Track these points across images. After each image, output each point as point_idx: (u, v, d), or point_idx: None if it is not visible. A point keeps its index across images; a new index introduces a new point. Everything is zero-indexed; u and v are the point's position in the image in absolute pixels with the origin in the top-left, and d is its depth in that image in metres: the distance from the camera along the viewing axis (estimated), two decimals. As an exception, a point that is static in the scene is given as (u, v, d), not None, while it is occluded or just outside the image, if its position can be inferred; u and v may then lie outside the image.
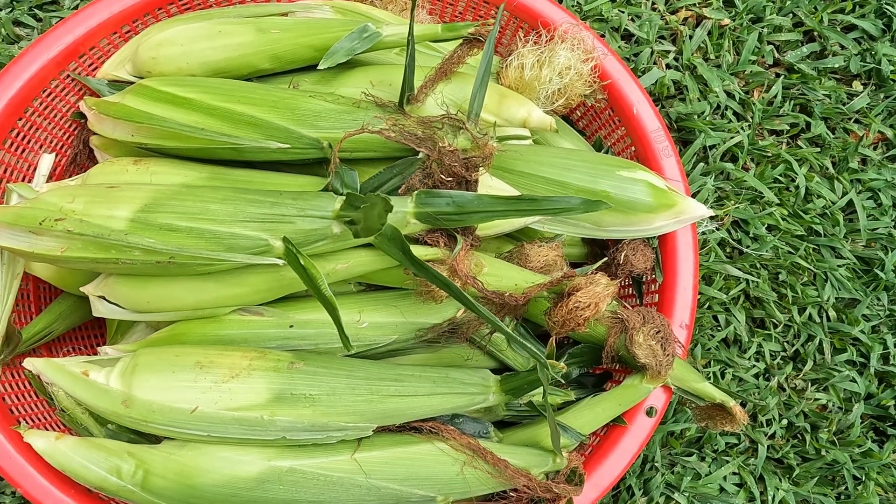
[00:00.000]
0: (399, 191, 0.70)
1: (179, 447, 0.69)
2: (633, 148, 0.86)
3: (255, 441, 0.68)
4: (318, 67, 0.75)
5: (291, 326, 0.74)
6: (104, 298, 0.76)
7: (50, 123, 0.85)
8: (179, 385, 0.67)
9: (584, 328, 0.70)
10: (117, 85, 0.85)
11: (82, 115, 0.85)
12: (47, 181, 0.85)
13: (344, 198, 0.67)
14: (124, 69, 0.84)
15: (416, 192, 0.68)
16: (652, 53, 1.07)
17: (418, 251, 0.70)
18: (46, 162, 0.85)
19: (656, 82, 1.04)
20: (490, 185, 0.73)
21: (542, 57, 0.74)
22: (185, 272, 0.69)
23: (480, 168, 0.68)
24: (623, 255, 0.81)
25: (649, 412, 0.80)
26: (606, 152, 0.88)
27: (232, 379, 0.68)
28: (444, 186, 0.69)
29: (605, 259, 0.80)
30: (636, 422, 0.80)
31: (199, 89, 0.75)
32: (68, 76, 0.84)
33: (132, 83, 0.82)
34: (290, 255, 0.65)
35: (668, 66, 1.08)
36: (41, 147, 0.85)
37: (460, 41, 0.73)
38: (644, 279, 0.86)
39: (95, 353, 0.88)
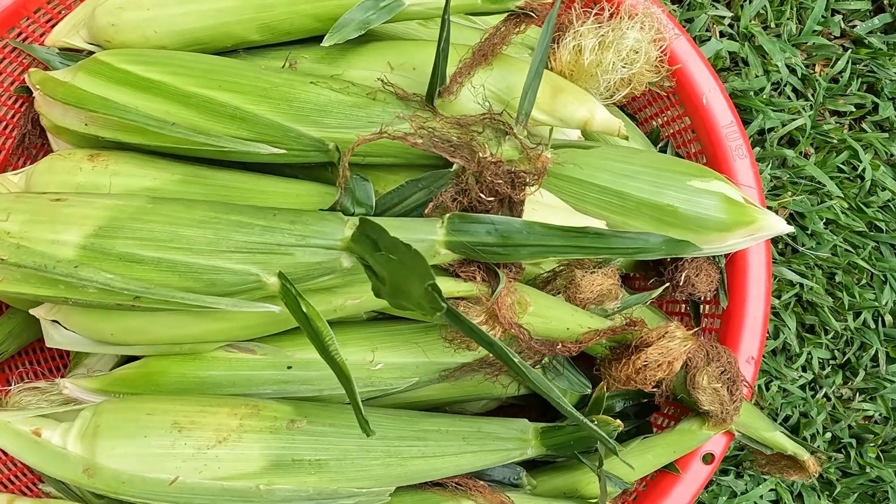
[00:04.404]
0: (426, 210, 0.53)
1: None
2: (697, 143, 0.68)
3: (249, 512, 0.53)
4: (323, 44, 0.56)
5: (289, 368, 0.58)
6: (59, 324, 0.59)
7: (-11, 101, 0.66)
8: (154, 452, 0.52)
9: (653, 387, 0.55)
10: (72, 55, 0.65)
11: (29, 90, 0.66)
12: (-11, 171, 0.66)
13: (357, 223, 0.49)
14: (79, 35, 0.64)
15: (448, 215, 0.51)
16: (705, 20, 0.88)
17: (447, 285, 0.53)
18: (-13, 149, 0.66)
19: (716, 56, 0.86)
20: (538, 199, 0.56)
21: (605, 38, 0.55)
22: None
23: (530, 186, 0.51)
24: (684, 275, 0.65)
25: (706, 458, 0.66)
26: (666, 148, 0.71)
27: (219, 444, 0.52)
28: (481, 206, 0.52)
29: (667, 285, 0.64)
30: (690, 469, 0.65)
31: (169, 69, 0.56)
32: (7, 44, 0.64)
33: (92, 53, 0.63)
34: (290, 298, 0.48)
35: (721, 35, 0.89)
36: (-20, 129, 0.66)
37: (505, 15, 0.55)
38: (702, 298, 0.70)
39: (56, 378, 0.72)
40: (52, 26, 0.66)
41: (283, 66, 0.60)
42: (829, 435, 0.90)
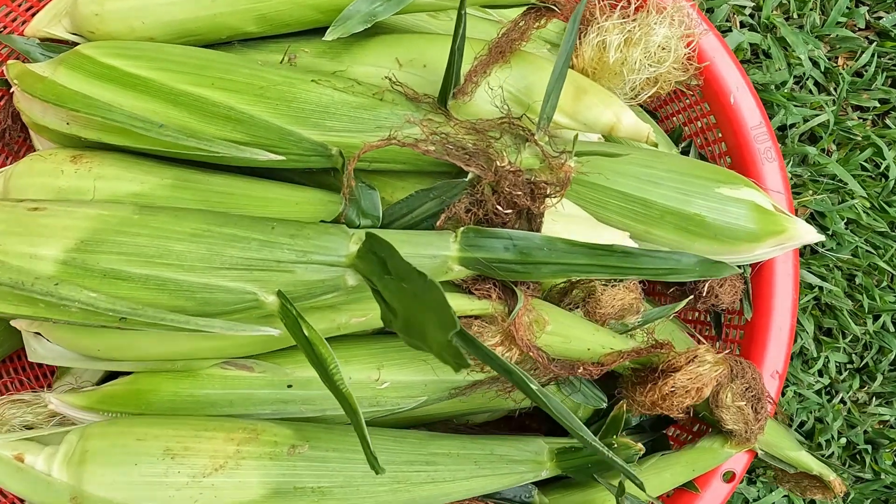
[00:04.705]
0: (437, 222, 0.48)
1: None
2: (723, 144, 0.63)
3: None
4: (325, 38, 0.50)
5: (290, 386, 0.54)
6: (41, 335, 0.55)
7: (-35, 95, 0.60)
8: (145, 481, 0.48)
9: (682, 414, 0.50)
10: (54, 46, 0.60)
11: (9, 84, 0.61)
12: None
13: (363, 238, 0.44)
14: (61, 25, 0.59)
15: (462, 229, 0.46)
16: (726, 11, 0.82)
17: (459, 303, 0.49)
18: (-37, 146, 0.61)
19: (736, 48, 0.80)
20: (557, 209, 0.51)
21: (632, 34, 0.50)
22: (146, 325, 0.48)
23: (552, 199, 0.46)
24: (707, 285, 0.61)
25: (726, 476, 0.62)
26: (689, 149, 0.66)
27: (215, 472, 0.48)
28: (498, 219, 0.48)
29: (690, 298, 0.59)
30: (710, 488, 0.61)
31: (157, 64, 0.51)
32: (-17, 33, 0.59)
33: (75, 44, 0.57)
34: (290, 319, 0.44)
35: (742, 25, 0.84)
36: (-44, 125, 0.61)
37: (524, 8, 0.49)
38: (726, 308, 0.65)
39: (42, 388, 0.68)
40: (33, 15, 0.60)
41: (282, 60, 0.55)
42: (843, 440, 0.87)
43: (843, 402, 0.87)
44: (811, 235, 0.58)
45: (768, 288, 0.61)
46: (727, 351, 0.51)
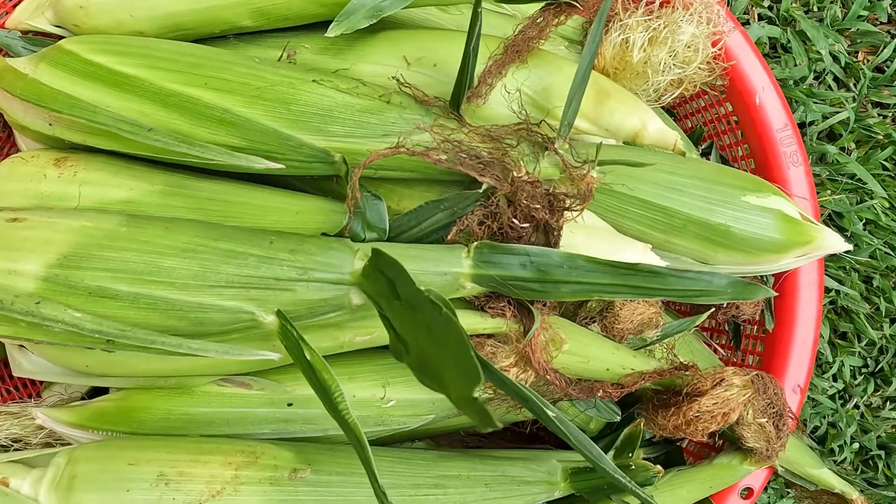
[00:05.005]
0: (448, 235, 0.45)
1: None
2: (746, 147, 0.60)
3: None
4: (328, 34, 0.46)
5: (290, 405, 0.50)
6: (26, 348, 0.52)
7: (-57, 91, 0.56)
8: (137, 509, 0.44)
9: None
10: (37, 39, 0.56)
11: (-11, 79, 0.57)
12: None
13: (369, 253, 0.41)
14: (44, 17, 0.54)
15: (475, 244, 0.43)
16: (745, 3, 0.78)
17: (471, 321, 0.45)
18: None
19: (755, 42, 0.76)
20: (577, 220, 0.47)
21: (657, 32, 0.46)
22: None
23: (571, 212, 0.42)
24: (727, 296, 0.57)
25: (743, 493, 0.59)
26: (710, 151, 0.62)
27: (212, 498, 0.45)
28: (513, 232, 0.44)
29: (712, 310, 0.56)
30: (727, 505, 0.59)
31: (146, 61, 0.47)
32: (-40, 25, 0.54)
33: (59, 38, 0.53)
34: (290, 341, 0.41)
35: (760, 18, 0.80)
36: (-67, 123, 0.57)
37: (542, 4, 0.45)
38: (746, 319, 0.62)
39: (30, 395, 0.65)
40: (16, 5, 0.56)
41: (280, 57, 0.51)
42: (856, 445, 0.84)
43: (856, 406, 0.85)
44: (839, 245, 0.55)
45: (791, 298, 0.58)
46: (754, 373, 0.48)
